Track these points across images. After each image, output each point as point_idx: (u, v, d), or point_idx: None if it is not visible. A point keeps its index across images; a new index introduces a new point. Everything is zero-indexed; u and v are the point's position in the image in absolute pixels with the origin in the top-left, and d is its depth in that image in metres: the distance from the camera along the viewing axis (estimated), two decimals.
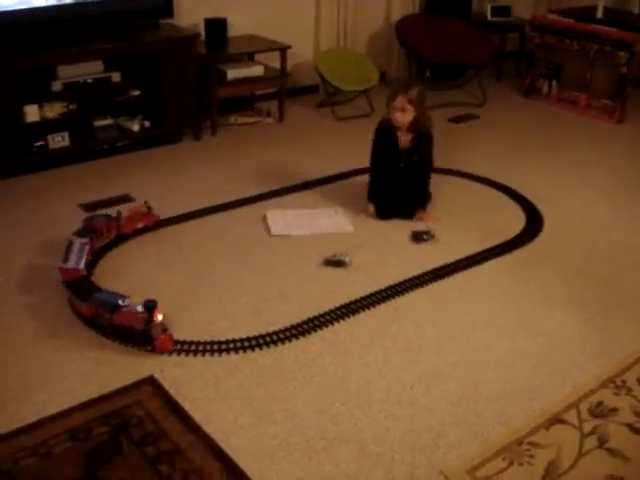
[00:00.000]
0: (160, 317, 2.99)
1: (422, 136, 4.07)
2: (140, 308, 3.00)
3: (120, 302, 3.04)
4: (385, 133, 4.10)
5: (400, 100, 3.96)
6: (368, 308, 3.34)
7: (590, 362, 3.01)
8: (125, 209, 3.97)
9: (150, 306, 2.98)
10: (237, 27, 5.63)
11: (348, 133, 5.54)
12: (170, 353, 2.98)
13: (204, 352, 3.00)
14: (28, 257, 3.70)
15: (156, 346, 2.99)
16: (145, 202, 3.96)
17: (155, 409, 2.68)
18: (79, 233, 3.64)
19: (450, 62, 6.38)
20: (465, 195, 4.54)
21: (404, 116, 3.98)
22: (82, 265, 3.38)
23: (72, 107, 4.74)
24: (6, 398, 2.72)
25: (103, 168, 4.80)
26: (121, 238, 3.86)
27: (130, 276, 3.55)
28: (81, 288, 3.21)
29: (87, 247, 3.52)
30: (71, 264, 3.37)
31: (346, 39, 6.35)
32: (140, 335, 2.99)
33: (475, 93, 6.37)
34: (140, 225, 3.92)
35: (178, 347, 3.01)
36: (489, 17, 6.91)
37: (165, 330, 3.03)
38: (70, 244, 3.53)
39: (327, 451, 2.52)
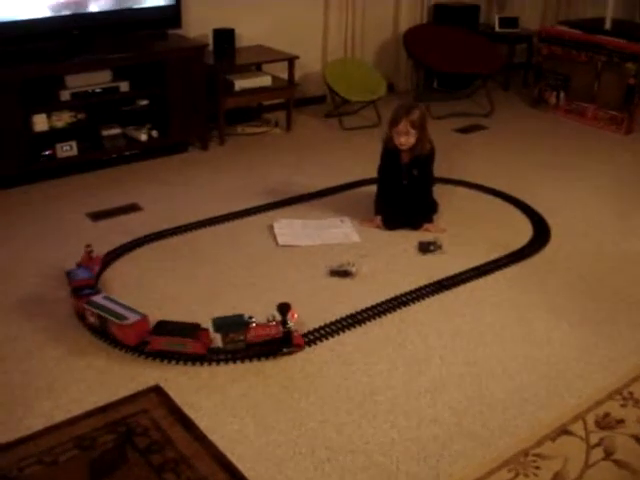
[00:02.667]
0: (295, 316, 3.06)
1: (420, 156, 4.09)
2: (246, 317, 3.04)
3: (246, 319, 3.04)
4: (389, 152, 4.12)
5: (404, 124, 3.96)
6: (374, 318, 3.34)
7: (597, 373, 3.00)
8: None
9: (284, 308, 3.03)
10: (245, 38, 5.66)
11: (355, 143, 5.55)
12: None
13: (210, 361, 3.00)
14: (36, 265, 3.71)
15: (295, 345, 3.06)
16: (87, 245, 3.62)
17: (161, 418, 2.68)
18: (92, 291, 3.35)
19: (458, 72, 6.39)
20: (472, 206, 4.54)
21: (408, 139, 4.00)
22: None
23: (80, 116, 4.77)
24: (12, 406, 2.73)
25: (111, 177, 4.82)
26: (127, 248, 3.88)
27: (137, 286, 3.56)
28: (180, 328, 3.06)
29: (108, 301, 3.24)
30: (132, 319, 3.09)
31: (354, 50, 6.38)
32: (280, 341, 3.05)
33: (483, 104, 6.38)
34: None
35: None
36: (497, 28, 6.93)
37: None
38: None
39: (332, 461, 2.52)
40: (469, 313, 3.41)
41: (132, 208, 4.37)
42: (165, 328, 3.04)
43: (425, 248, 3.95)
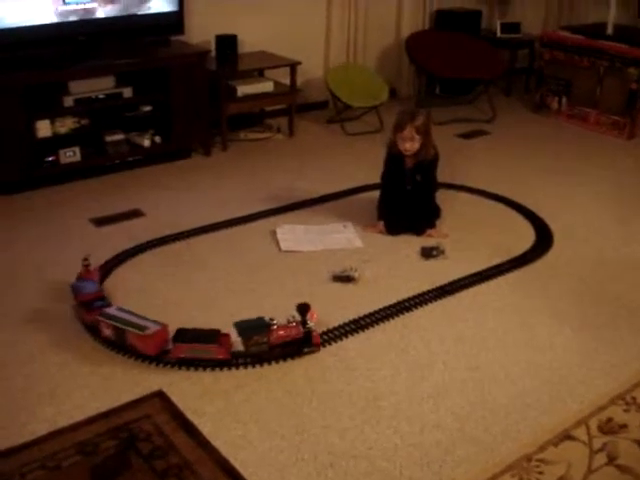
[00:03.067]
0: (315, 316, 3.10)
1: (424, 162, 4.09)
2: (267, 319, 3.08)
3: (267, 321, 3.07)
4: (393, 158, 4.12)
5: (409, 130, 3.97)
6: (377, 324, 3.34)
7: (599, 378, 3.00)
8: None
9: (304, 308, 3.06)
10: (247, 43, 5.67)
11: (358, 149, 5.56)
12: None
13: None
14: (38, 270, 3.72)
15: (315, 344, 3.10)
16: (84, 259, 3.51)
17: (164, 423, 2.68)
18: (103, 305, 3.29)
19: (460, 78, 6.40)
20: (474, 211, 4.54)
21: (413, 145, 4.01)
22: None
23: (83, 122, 4.78)
24: (15, 411, 2.73)
25: (114, 183, 4.83)
26: (130, 254, 3.89)
27: (139, 291, 3.56)
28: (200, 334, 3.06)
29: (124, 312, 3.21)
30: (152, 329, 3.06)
31: (356, 55, 6.39)
32: (300, 341, 3.08)
33: (485, 109, 6.39)
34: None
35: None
36: (499, 33, 6.94)
37: None
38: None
39: (335, 467, 2.52)
40: (472, 318, 3.42)
41: (135, 214, 4.38)
42: (186, 336, 3.02)
43: (428, 253, 3.95)
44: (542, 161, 5.42)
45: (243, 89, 5.41)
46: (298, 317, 3.09)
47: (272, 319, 3.08)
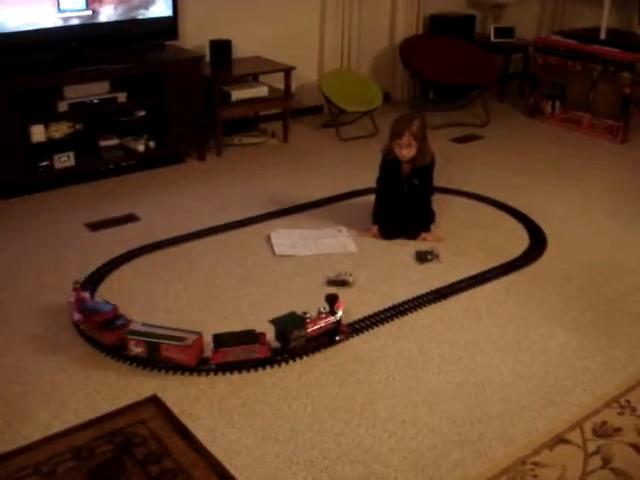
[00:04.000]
0: (342, 305, 3.21)
1: (421, 167, 4.10)
2: (299, 313, 3.16)
3: (300, 314, 3.16)
4: (389, 163, 4.13)
5: (406, 138, 3.97)
6: (372, 328, 3.34)
7: (594, 382, 3.00)
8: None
9: (332, 299, 3.18)
10: (242, 49, 5.68)
11: (352, 153, 5.57)
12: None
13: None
14: (33, 276, 3.71)
15: (343, 333, 3.20)
16: (75, 282, 3.44)
17: (158, 428, 2.68)
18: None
19: (453, 83, 6.42)
20: (469, 215, 4.55)
21: (410, 151, 4.02)
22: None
23: (78, 127, 4.78)
24: (10, 416, 2.73)
25: (108, 188, 4.83)
26: (125, 258, 3.89)
27: (134, 295, 3.56)
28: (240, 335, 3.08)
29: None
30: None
31: (350, 60, 6.39)
32: (331, 332, 3.19)
33: (479, 113, 6.40)
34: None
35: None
36: (492, 38, 6.96)
37: None
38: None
39: (330, 471, 2.52)
40: (466, 322, 3.42)
41: (130, 218, 4.38)
42: (225, 340, 3.02)
43: (422, 257, 3.96)
44: (536, 165, 5.44)
45: (237, 94, 5.41)
46: (327, 308, 3.20)
47: (305, 312, 3.17)
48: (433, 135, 4.53)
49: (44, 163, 4.66)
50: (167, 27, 5.10)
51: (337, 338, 3.21)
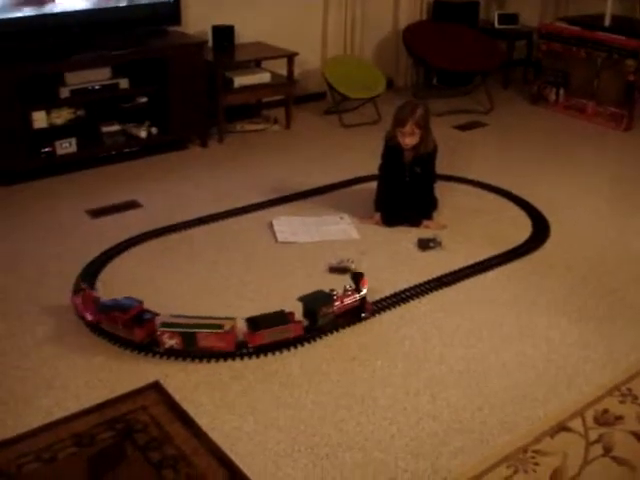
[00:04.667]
0: (367, 283, 3.27)
1: (423, 154, 4.09)
2: (327, 290, 3.24)
3: (328, 292, 3.23)
4: (392, 150, 4.11)
5: (409, 126, 3.96)
6: (373, 315, 3.34)
7: (596, 370, 3.00)
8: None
9: (358, 277, 3.26)
10: (244, 34, 5.65)
11: (355, 140, 5.55)
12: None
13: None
14: (34, 263, 3.71)
15: (368, 310, 3.28)
16: (82, 287, 3.34)
17: (160, 414, 2.68)
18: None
19: (457, 69, 6.38)
20: (471, 202, 4.54)
21: (413, 139, 4.00)
22: None
23: (80, 113, 4.76)
24: (12, 402, 2.73)
25: (110, 174, 4.82)
26: (126, 245, 3.89)
27: (137, 282, 3.56)
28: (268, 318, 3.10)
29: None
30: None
31: (353, 47, 6.37)
32: (357, 309, 3.27)
33: (482, 100, 6.37)
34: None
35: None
36: (496, 25, 6.92)
37: None
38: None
39: (331, 458, 2.52)
40: (468, 310, 3.42)
41: (131, 205, 4.37)
42: (259, 323, 3.04)
43: (424, 245, 3.95)
44: (539, 153, 5.42)
45: (240, 80, 5.39)
46: (353, 285, 3.28)
47: (332, 290, 3.23)
48: (436, 122, 4.52)
49: (46, 149, 4.66)
50: (169, 12, 5.07)
51: (363, 315, 3.28)
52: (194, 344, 2.98)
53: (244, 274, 3.67)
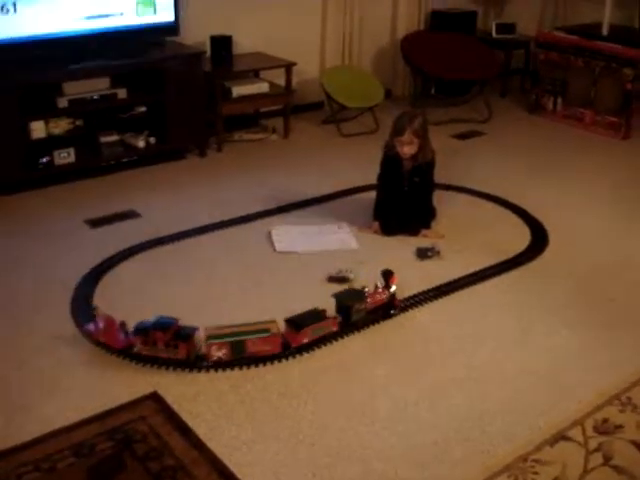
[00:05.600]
0: (396, 280, 3.36)
1: (422, 164, 4.09)
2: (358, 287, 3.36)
3: (360, 289, 3.34)
4: (390, 160, 4.12)
5: (407, 135, 3.97)
6: (372, 324, 3.33)
7: (595, 379, 2.99)
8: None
9: (387, 274, 3.33)
10: (243, 44, 5.66)
11: (353, 150, 5.56)
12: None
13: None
14: (33, 273, 3.71)
15: (397, 307, 3.38)
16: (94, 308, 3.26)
17: (159, 425, 2.67)
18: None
19: (455, 79, 6.40)
20: (470, 211, 4.54)
21: (411, 148, 4.01)
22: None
23: (78, 123, 4.77)
24: (10, 412, 2.72)
25: (109, 184, 4.82)
26: (125, 255, 3.88)
27: (134, 292, 3.55)
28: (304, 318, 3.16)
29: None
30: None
31: (351, 56, 6.38)
32: (386, 306, 3.35)
33: (480, 109, 6.39)
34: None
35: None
36: (494, 34, 6.93)
37: None
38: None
39: (331, 468, 2.51)
40: (468, 319, 3.41)
41: (130, 215, 4.37)
42: (299, 323, 3.10)
43: (423, 254, 3.95)
44: (537, 162, 5.43)
45: (238, 90, 5.40)
46: (383, 282, 3.36)
47: (364, 287, 3.33)
48: (434, 131, 4.52)
49: (44, 159, 4.65)
50: (168, 23, 5.07)
51: (392, 312, 3.36)
52: (243, 352, 3.00)
53: (242, 283, 3.66)
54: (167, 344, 2.98)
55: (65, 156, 4.70)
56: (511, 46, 6.96)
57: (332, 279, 3.69)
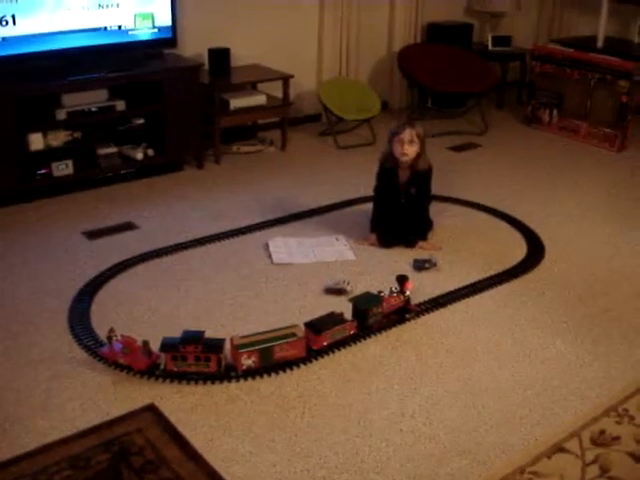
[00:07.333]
0: (411, 285, 3.47)
1: (420, 172, 4.10)
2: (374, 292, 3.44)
3: (376, 293, 3.42)
4: (387, 172, 4.12)
5: (409, 132, 3.98)
6: (369, 336, 3.33)
7: (592, 390, 3.00)
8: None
9: (402, 279, 3.43)
10: (240, 57, 5.68)
11: (350, 162, 5.57)
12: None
13: (205, 380, 2.99)
14: (31, 284, 3.71)
15: (412, 311, 3.47)
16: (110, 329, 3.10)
17: (155, 437, 2.67)
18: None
19: (451, 91, 6.42)
20: (467, 223, 4.55)
21: (411, 148, 4.00)
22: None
23: (76, 135, 4.77)
24: (6, 425, 2.72)
25: (106, 196, 4.83)
26: (123, 266, 3.89)
27: (132, 304, 3.56)
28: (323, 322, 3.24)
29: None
30: None
31: (348, 69, 6.40)
32: (401, 310, 3.45)
33: (477, 122, 6.41)
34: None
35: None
36: (490, 47, 6.97)
37: None
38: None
39: None
40: (464, 330, 3.42)
41: (128, 227, 4.37)
42: (320, 326, 3.17)
43: (420, 266, 3.96)
44: (533, 173, 5.44)
45: (236, 102, 5.42)
46: (398, 287, 3.46)
47: (380, 291, 3.43)
48: (431, 143, 4.54)
49: (42, 171, 4.66)
50: (166, 35, 5.10)
51: (407, 316, 3.45)
52: (271, 358, 3.04)
53: (240, 295, 3.67)
54: (197, 357, 2.97)
55: (63, 168, 4.71)
56: (507, 58, 7.00)
57: (329, 291, 3.69)
